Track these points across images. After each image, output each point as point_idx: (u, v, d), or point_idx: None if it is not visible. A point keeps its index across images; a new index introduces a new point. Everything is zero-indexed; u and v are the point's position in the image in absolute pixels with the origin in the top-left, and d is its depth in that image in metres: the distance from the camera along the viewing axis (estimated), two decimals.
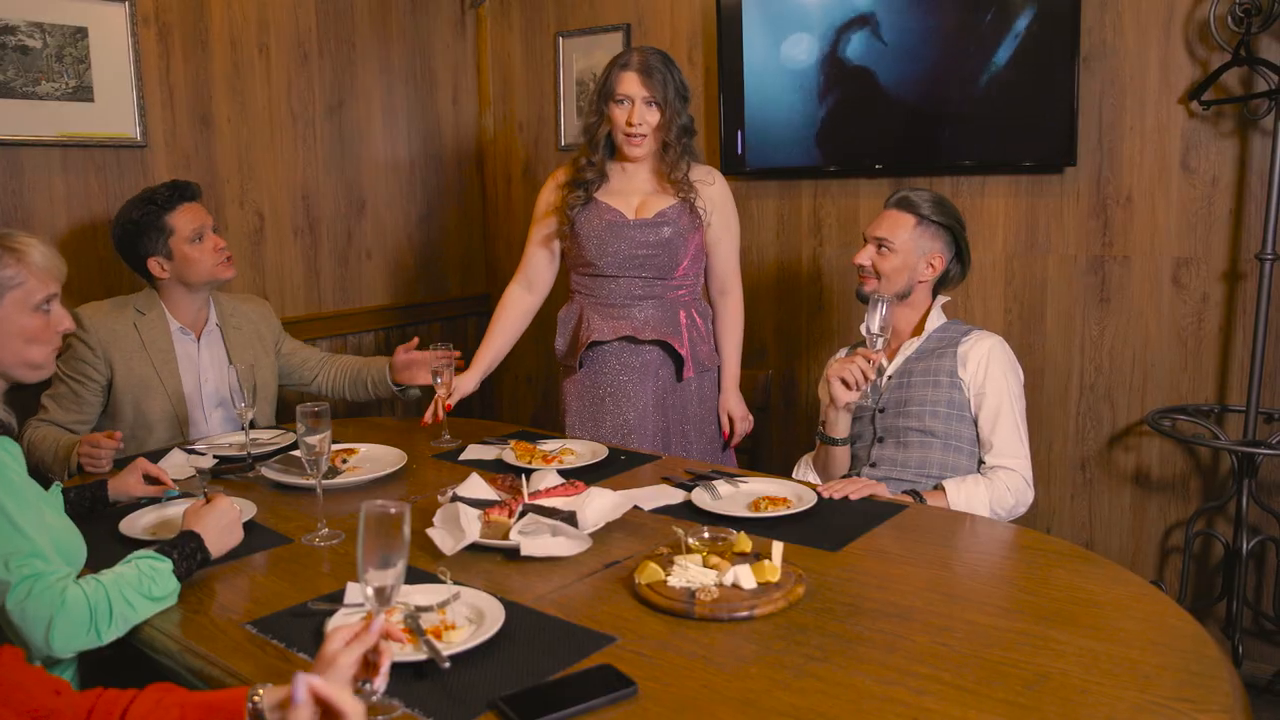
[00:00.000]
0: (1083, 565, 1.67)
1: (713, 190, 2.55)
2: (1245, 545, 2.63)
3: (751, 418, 2.67)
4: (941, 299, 2.30)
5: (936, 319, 2.26)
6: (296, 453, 1.97)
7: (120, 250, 2.62)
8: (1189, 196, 2.79)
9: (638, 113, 2.39)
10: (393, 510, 1.18)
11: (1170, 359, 2.87)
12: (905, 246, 2.19)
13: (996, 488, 2.06)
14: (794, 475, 2.37)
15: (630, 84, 2.38)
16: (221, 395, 2.68)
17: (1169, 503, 2.93)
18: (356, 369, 2.87)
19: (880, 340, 2.09)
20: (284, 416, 2.91)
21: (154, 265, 2.57)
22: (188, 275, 2.59)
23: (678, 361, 2.56)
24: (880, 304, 2.08)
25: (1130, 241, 2.88)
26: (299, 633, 1.45)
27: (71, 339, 2.50)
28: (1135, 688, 1.25)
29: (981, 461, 2.15)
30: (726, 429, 2.63)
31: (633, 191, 2.52)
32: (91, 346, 2.52)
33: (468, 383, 2.60)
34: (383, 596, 1.17)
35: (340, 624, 1.18)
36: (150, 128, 3.15)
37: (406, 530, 1.19)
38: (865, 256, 2.22)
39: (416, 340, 2.77)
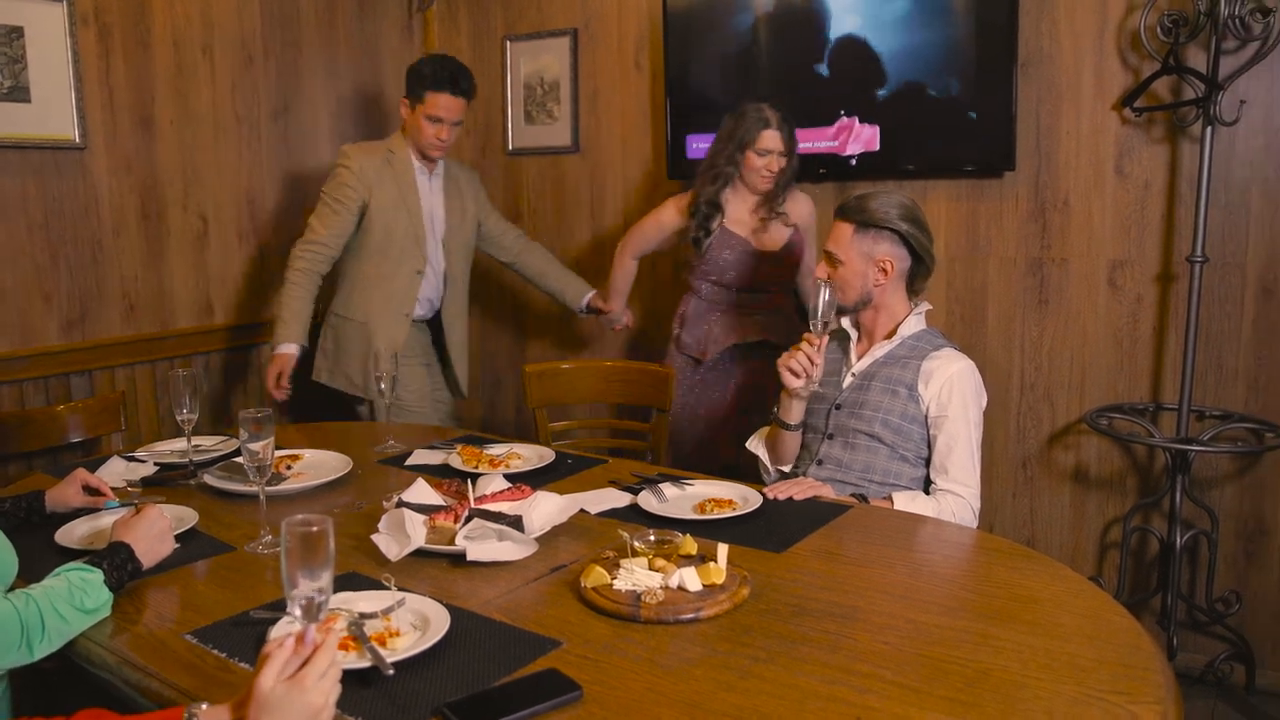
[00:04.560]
0: (1022, 563, 1.71)
1: (803, 208, 3.01)
2: (1179, 540, 2.70)
3: None
4: (924, 305, 2.26)
5: (913, 325, 2.22)
6: (240, 459, 1.94)
7: (406, 72, 3.10)
8: (1123, 200, 2.86)
9: (775, 162, 2.86)
10: (315, 528, 1.16)
11: (1107, 359, 2.94)
12: (849, 255, 2.17)
13: (943, 511, 2.06)
14: (747, 444, 2.41)
15: (773, 141, 2.84)
16: (438, 226, 3.20)
17: (1107, 499, 3.00)
18: (543, 275, 3.42)
19: (823, 325, 2.09)
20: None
21: (402, 106, 3.10)
22: (412, 134, 3.09)
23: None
24: (823, 289, 2.08)
25: (1068, 244, 2.95)
26: (240, 642, 1.43)
27: (338, 168, 3.06)
28: (1072, 681, 1.29)
29: (931, 482, 2.15)
30: None
31: (747, 218, 2.96)
32: (354, 171, 3.04)
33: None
34: (310, 611, 1.16)
35: (280, 635, 1.17)
36: (90, 129, 3.08)
37: (331, 545, 1.17)
38: (822, 270, 2.21)
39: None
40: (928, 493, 2.13)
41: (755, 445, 2.38)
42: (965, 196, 3.08)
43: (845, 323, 2.28)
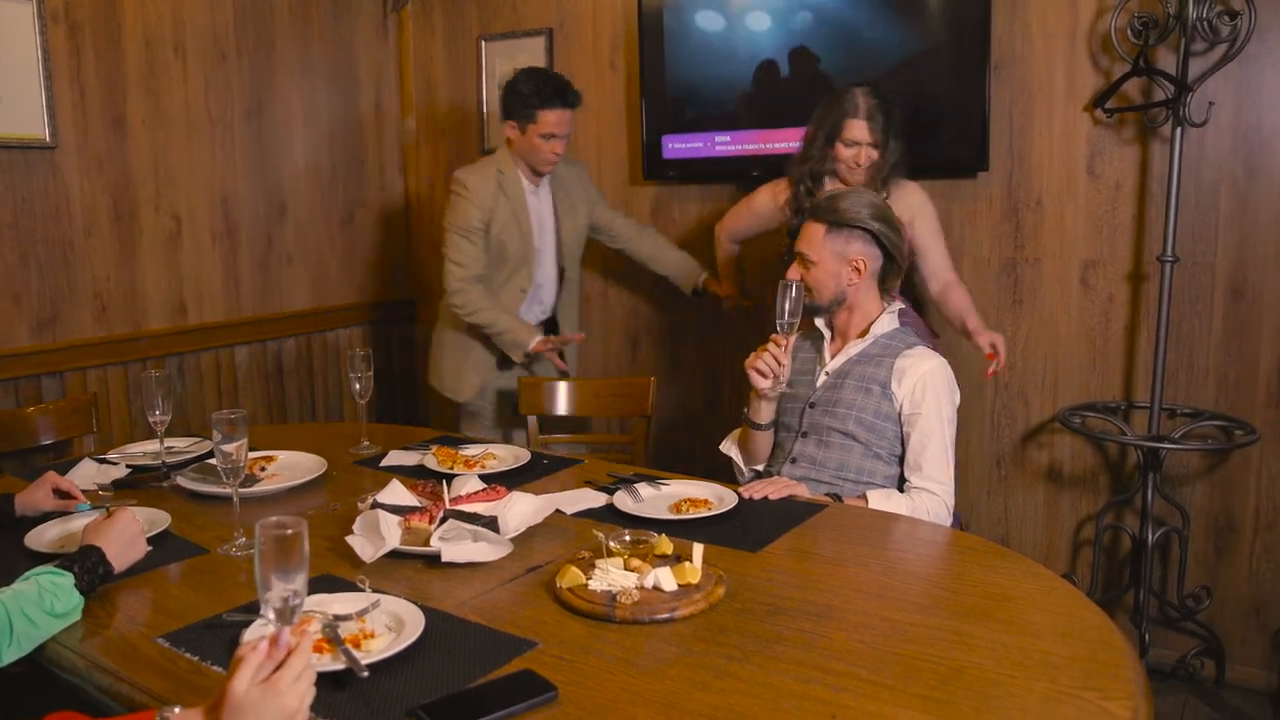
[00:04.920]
0: (996, 560, 1.72)
1: (911, 199, 2.75)
2: (1151, 537, 2.73)
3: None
4: (896, 304, 2.27)
5: (886, 324, 2.22)
6: (213, 461, 1.93)
7: (501, 97, 3.06)
8: (1095, 201, 2.89)
9: (864, 154, 2.64)
10: (289, 530, 1.15)
11: (1080, 358, 2.97)
12: (821, 256, 2.17)
13: (917, 509, 2.07)
14: (721, 446, 2.41)
15: (860, 131, 2.63)
16: (548, 234, 3.16)
17: (1080, 497, 3.03)
18: (655, 259, 3.35)
19: (789, 325, 2.09)
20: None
21: (508, 129, 3.03)
22: (524, 154, 3.04)
23: None
24: (789, 289, 2.07)
25: (1041, 244, 2.98)
26: (213, 645, 1.42)
27: (456, 197, 3.04)
28: (1045, 679, 1.30)
29: (905, 480, 2.16)
30: (992, 352, 2.63)
31: None
32: (473, 200, 3.02)
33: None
34: (285, 614, 1.15)
35: (254, 638, 1.16)
36: (60, 129, 3.05)
37: (305, 547, 1.17)
38: (794, 272, 2.21)
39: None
40: (902, 490, 2.14)
41: (728, 447, 2.39)
42: (939, 196, 3.09)
43: (819, 323, 2.28)
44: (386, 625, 1.45)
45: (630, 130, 3.63)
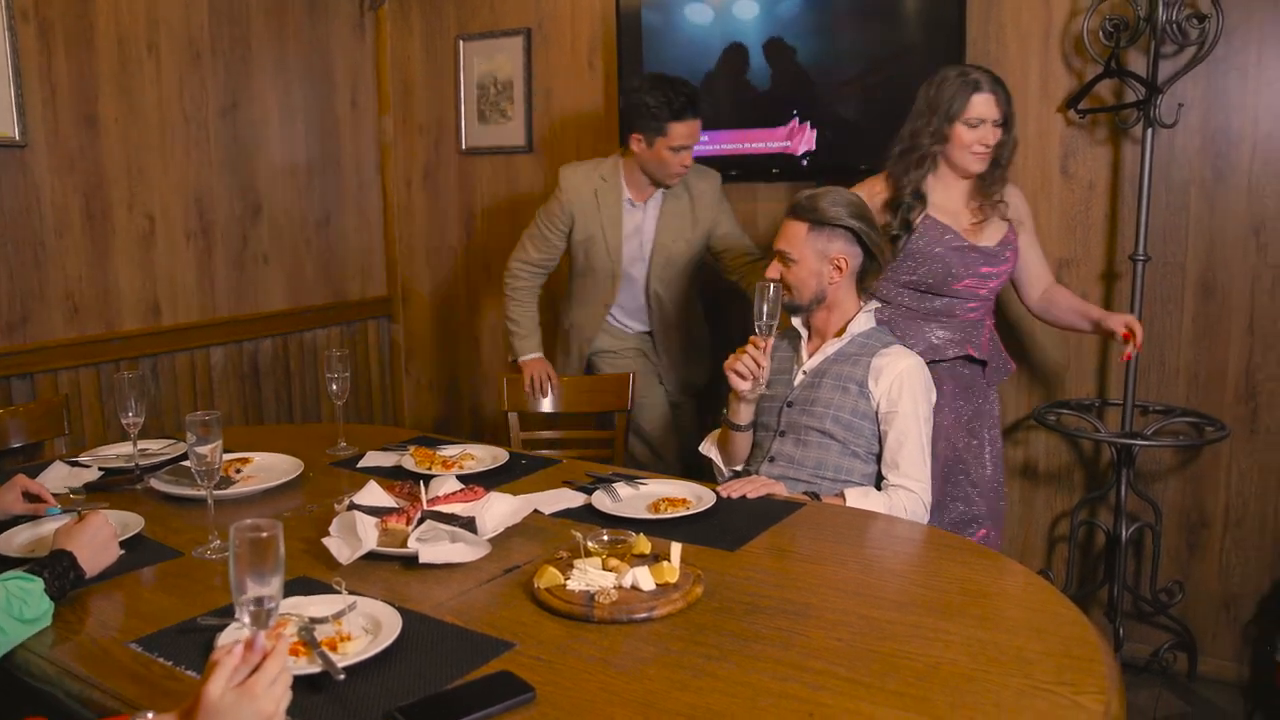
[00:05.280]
0: (972, 557, 1.74)
1: (1018, 200, 2.55)
2: (1125, 532, 2.76)
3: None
4: (874, 303, 2.29)
5: (863, 323, 2.23)
6: (187, 463, 1.91)
7: (623, 107, 2.99)
8: (1069, 200, 2.92)
9: (991, 134, 2.39)
10: (264, 533, 1.15)
11: (1055, 356, 3.00)
12: (803, 255, 2.18)
13: (895, 506, 2.09)
14: (700, 448, 2.41)
15: (986, 107, 2.37)
16: (646, 251, 3.02)
17: (1055, 494, 3.06)
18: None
19: (768, 327, 2.10)
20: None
21: (634, 141, 2.86)
22: (650, 168, 2.88)
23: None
24: (767, 290, 2.07)
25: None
26: (187, 649, 1.40)
27: (554, 192, 3.02)
28: (1019, 674, 1.31)
29: (883, 478, 2.17)
30: (1128, 332, 2.45)
31: (957, 209, 2.48)
32: (563, 202, 2.98)
33: None
34: (260, 617, 1.14)
35: (228, 642, 1.15)
36: (30, 127, 3.01)
37: (280, 549, 1.16)
38: (774, 271, 2.21)
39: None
40: (879, 489, 2.15)
41: (708, 448, 2.39)
42: None
43: (796, 322, 2.29)
44: (363, 627, 1.44)
45: (609, 130, 3.62)
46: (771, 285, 2.09)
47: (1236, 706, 2.77)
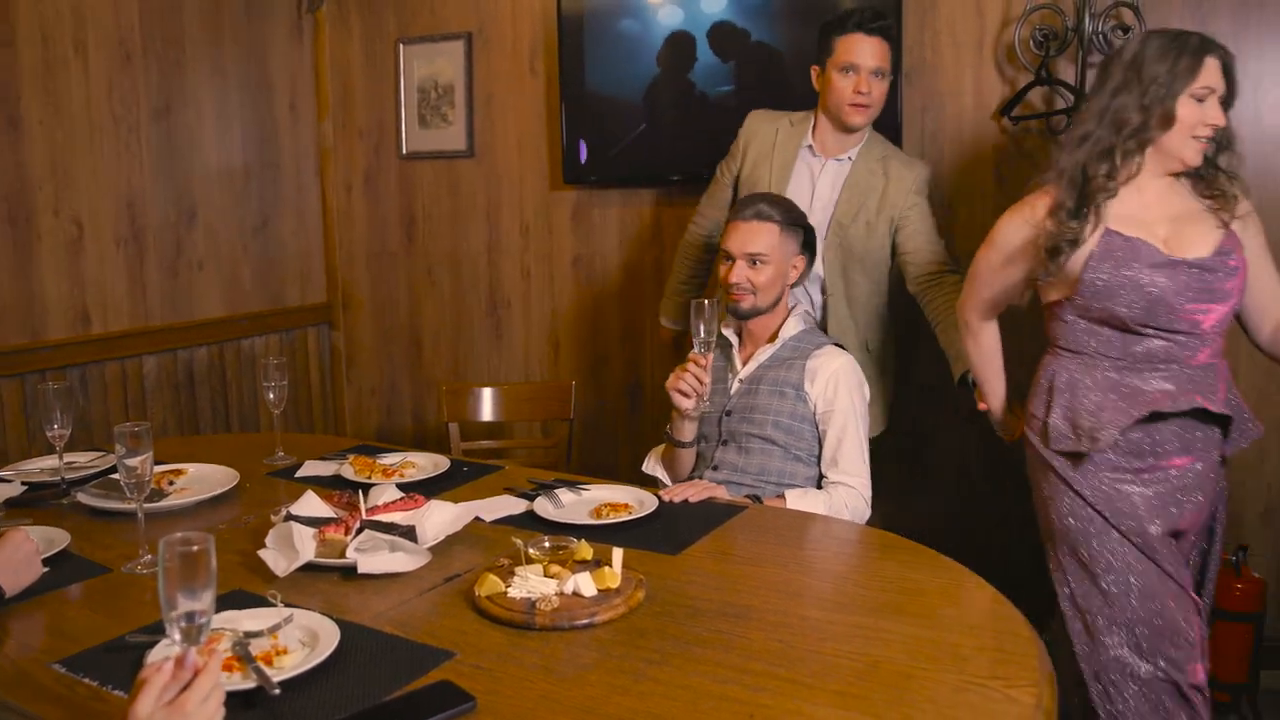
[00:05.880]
0: (910, 556, 1.76)
1: (1243, 201, 1.93)
2: None
3: None
4: (802, 306, 2.32)
5: (794, 326, 2.26)
6: (117, 476, 1.86)
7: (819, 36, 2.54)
8: (1003, 206, 2.94)
9: (1216, 113, 1.84)
10: (195, 547, 1.12)
11: None
12: (776, 256, 2.19)
13: (835, 503, 2.12)
14: (644, 467, 2.40)
15: (1215, 76, 1.83)
16: (820, 223, 2.48)
17: (994, 491, 3.11)
18: (937, 322, 2.48)
19: (708, 344, 2.10)
20: None
21: (814, 77, 2.53)
22: (828, 105, 2.51)
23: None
24: (704, 308, 2.08)
25: (952, 249, 3.04)
26: (115, 669, 1.36)
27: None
28: (955, 670, 1.33)
29: (824, 476, 2.20)
30: None
31: (1157, 217, 1.90)
32: (740, 139, 2.64)
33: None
34: (191, 633, 1.12)
35: (159, 659, 1.12)
36: None
37: (212, 563, 1.13)
38: (739, 274, 2.19)
39: None
40: (821, 488, 2.18)
41: (651, 466, 2.39)
42: None
43: (726, 331, 2.31)
44: (300, 640, 1.41)
45: (550, 135, 3.61)
46: (708, 302, 2.08)
47: None
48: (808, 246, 2.27)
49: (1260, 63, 2.64)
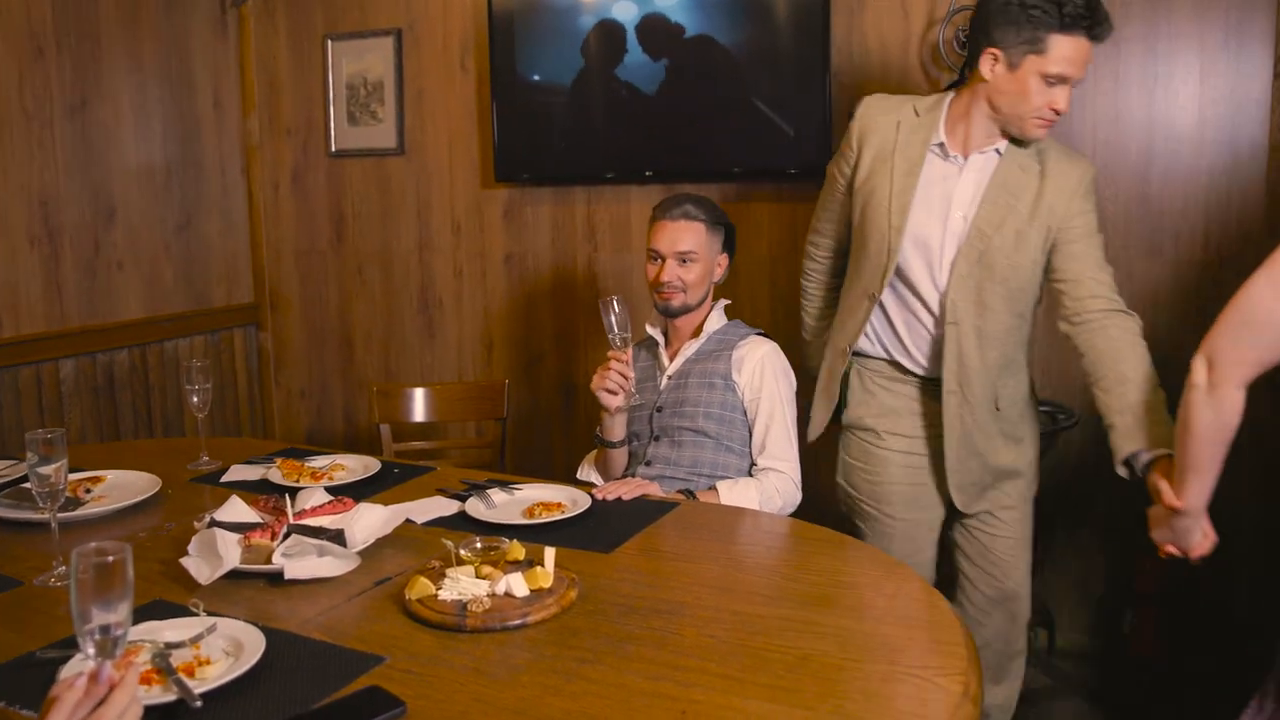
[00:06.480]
0: (840, 550, 1.79)
1: None
2: None
3: None
4: (723, 301, 2.36)
5: (716, 320, 2.31)
6: (29, 485, 1.79)
7: (981, 12, 1.92)
8: None
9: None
10: (110, 557, 1.09)
11: None
12: (704, 253, 2.24)
13: (766, 489, 2.15)
14: (578, 475, 2.39)
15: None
16: (952, 234, 1.99)
17: None
18: (1098, 376, 1.93)
19: (623, 340, 2.13)
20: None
21: (987, 60, 1.90)
22: (1003, 103, 1.92)
23: None
24: (610, 305, 2.11)
25: None
26: (23, 687, 1.31)
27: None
28: (885, 660, 1.36)
29: (754, 463, 2.23)
30: None
31: None
32: (852, 132, 2.08)
33: None
34: (105, 647, 1.08)
35: (71, 675, 1.08)
36: None
37: (129, 573, 1.10)
38: (670, 273, 2.22)
39: None
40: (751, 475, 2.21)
41: (586, 473, 2.39)
42: (786, 197, 3.19)
43: (652, 330, 2.36)
44: (224, 650, 1.38)
45: (482, 133, 3.58)
46: (614, 299, 2.11)
47: (1093, 675, 2.95)
48: (728, 245, 2.33)
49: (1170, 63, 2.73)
